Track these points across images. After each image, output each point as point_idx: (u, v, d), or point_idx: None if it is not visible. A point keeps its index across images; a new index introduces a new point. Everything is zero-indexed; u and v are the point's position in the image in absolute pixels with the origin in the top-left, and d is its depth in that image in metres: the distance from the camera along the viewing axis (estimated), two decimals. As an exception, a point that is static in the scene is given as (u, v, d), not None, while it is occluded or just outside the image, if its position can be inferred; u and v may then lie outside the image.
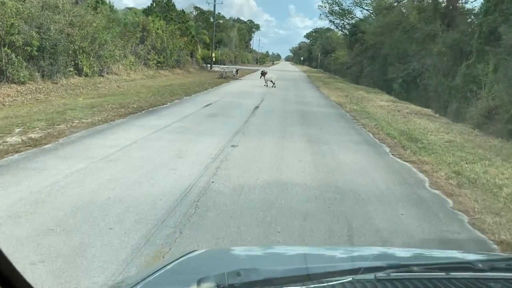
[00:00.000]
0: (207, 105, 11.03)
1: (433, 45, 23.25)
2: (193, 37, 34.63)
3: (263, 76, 20.40)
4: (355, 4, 36.32)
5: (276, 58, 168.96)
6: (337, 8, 38.08)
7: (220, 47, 52.72)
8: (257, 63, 79.05)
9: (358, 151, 6.24)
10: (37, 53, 12.93)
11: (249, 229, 3.04)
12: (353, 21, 38.96)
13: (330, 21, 41.03)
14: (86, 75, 16.41)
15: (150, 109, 9.49)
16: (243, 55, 69.03)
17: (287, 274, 0.88)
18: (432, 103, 18.97)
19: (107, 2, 23.90)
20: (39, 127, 6.59)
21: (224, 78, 24.38)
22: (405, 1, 30.68)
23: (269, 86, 19.38)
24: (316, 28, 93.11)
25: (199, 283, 0.83)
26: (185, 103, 11.41)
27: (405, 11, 30.25)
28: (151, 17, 26.25)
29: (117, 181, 3.99)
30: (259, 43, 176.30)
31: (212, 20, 41.08)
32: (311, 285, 0.84)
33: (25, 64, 12.50)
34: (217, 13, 42.81)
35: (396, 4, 31.42)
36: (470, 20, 25.15)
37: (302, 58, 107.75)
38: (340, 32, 46.77)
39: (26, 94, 11.98)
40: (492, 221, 3.44)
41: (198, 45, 35.81)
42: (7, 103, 10.43)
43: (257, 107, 11.37)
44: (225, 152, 5.55)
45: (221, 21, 52.72)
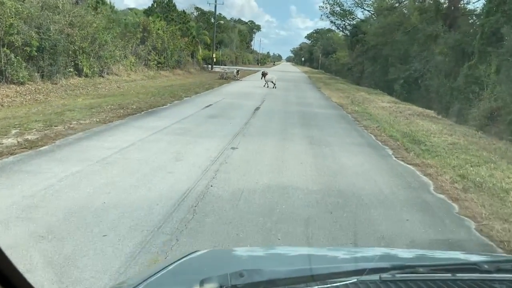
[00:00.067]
0: (207, 106, 10.92)
1: (434, 46, 23.14)
2: (194, 37, 34.56)
3: (263, 77, 20.30)
4: (356, 5, 36.27)
5: (277, 59, 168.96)
6: (338, 8, 38.05)
7: (221, 47, 52.66)
8: (258, 64, 78.99)
9: (360, 153, 6.12)
10: (36, 54, 12.84)
11: (249, 236, 2.93)
12: (354, 22, 38.89)
13: (331, 22, 41.03)
14: (86, 76, 16.33)
15: (149, 110, 9.39)
16: (244, 56, 68.95)
17: (291, 275, 0.88)
18: (433, 104, 18.84)
19: (108, 2, 23.86)
20: (36, 128, 6.49)
21: (224, 79, 24.30)
22: (406, 2, 30.58)
23: (270, 87, 19.30)
24: (317, 29, 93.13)
25: (201, 283, 0.83)
26: (185, 104, 11.31)
27: (406, 12, 30.14)
28: (151, 18, 26.18)
29: (113, 184, 3.88)
30: (260, 43, 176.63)
31: (213, 20, 41.01)
32: (314, 286, 0.84)
33: (25, 64, 12.42)
34: (218, 13, 42.77)
35: (397, 5, 31.32)
36: (472, 21, 25.04)
37: (303, 59, 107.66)
38: (341, 33, 46.74)
39: (25, 94, 11.90)
40: (500, 228, 3.32)
41: (199, 46, 35.74)
42: (5, 104, 10.34)
43: (257, 108, 11.26)
44: (224, 154, 5.44)
45: (222, 22, 52.66)
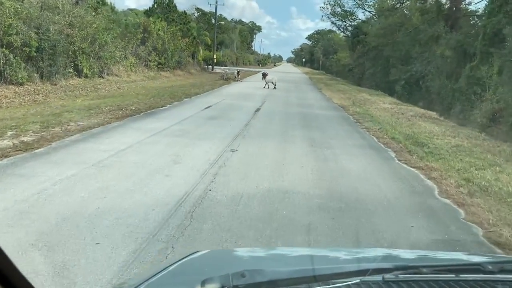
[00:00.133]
0: (207, 107, 10.82)
1: (436, 47, 23.02)
2: (195, 38, 34.50)
3: (264, 78, 20.24)
4: (357, 5, 36.19)
5: (277, 59, 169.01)
6: (339, 9, 37.98)
7: (221, 48, 52.60)
8: (258, 64, 78.95)
9: (362, 156, 6.00)
10: (35, 54, 12.74)
11: (247, 244, 2.81)
12: (355, 23, 38.81)
13: (332, 23, 40.96)
14: (86, 76, 16.23)
15: (148, 112, 9.28)
16: (244, 57, 68.90)
17: (293, 275, 0.87)
18: (435, 106, 18.72)
19: (108, 3, 23.80)
20: (33, 130, 6.39)
21: (225, 79, 24.21)
22: (407, 2, 30.48)
23: (270, 88, 19.21)
24: (318, 29, 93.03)
25: (203, 284, 0.82)
26: (184, 105, 11.21)
27: (407, 12, 30.03)
28: (152, 18, 26.11)
29: (108, 189, 3.77)
30: (261, 44, 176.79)
31: (213, 21, 40.95)
32: (317, 287, 0.83)
33: (24, 65, 12.32)
34: (219, 14, 42.70)
35: (398, 5, 31.22)
36: (473, 21, 24.92)
37: (303, 59, 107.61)
38: (342, 33, 46.64)
39: (24, 95, 11.81)
40: (509, 235, 3.20)
41: (199, 47, 35.68)
42: (4, 105, 10.24)
43: (258, 110, 11.15)
44: (224, 157, 5.33)
45: (223, 23, 52.61)
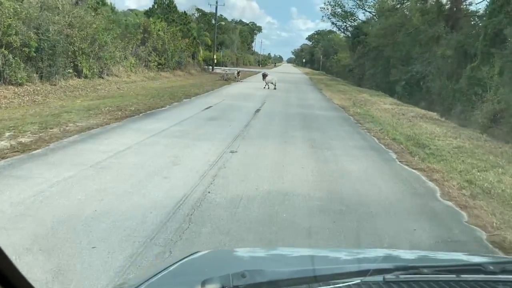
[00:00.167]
0: (207, 108, 10.77)
1: (437, 48, 22.97)
2: (195, 38, 34.47)
3: (264, 78, 20.21)
4: (357, 6, 36.15)
5: (278, 60, 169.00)
6: (339, 10, 37.94)
7: (222, 49, 52.58)
8: (259, 65, 78.94)
9: (363, 157, 5.95)
10: (35, 54, 12.70)
11: (247, 247, 2.76)
12: (356, 23, 38.77)
13: (332, 23, 40.92)
14: (85, 77, 16.19)
15: (148, 112, 9.24)
16: (245, 57, 68.88)
17: (293, 275, 0.87)
18: (435, 106, 18.66)
19: (108, 3, 23.77)
20: (31, 130, 6.33)
21: (225, 80, 24.17)
22: (408, 3, 30.44)
23: (270, 88, 19.18)
24: (318, 30, 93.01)
25: (203, 284, 0.82)
26: (184, 106, 11.16)
27: (408, 13, 29.99)
28: (152, 19, 26.07)
29: (106, 191, 3.72)
30: (261, 45, 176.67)
31: (214, 22, 40.92)
32: (317, 287, 0.82)
33: (23, 65, 12.28)
34: (219, 15, 42.67)
35: (399, 6, 31.18)
36: (474, 22, 24.87)
37: (304, 60, 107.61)
38: (342, 34, 46.60)
39: (23, 96, 11.77)
40: (513, 239, 3.14)
41: (199, 47, 35.65)
42: (3, 105, 10.20)
43: (258, 110, 11.10)
44: (223, 158, 5.28)
45: (223, 23, 52.57)
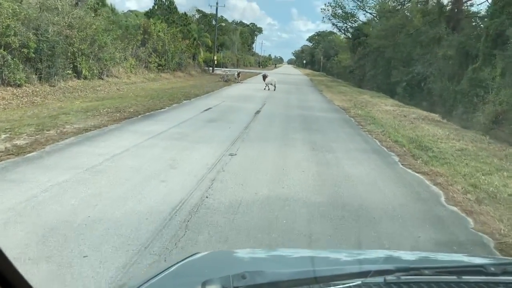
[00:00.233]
0: (207, 110, 10.67)
1: (438, 49, 22.87)
2: (195, 40, 34.41)
3: (264, 79, 20.18)
4: (358, 7, 36.09)
5: (278, 61, 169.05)
6: (340, 11, 37.91)
7: (222, 50, 52.54)
8: (259, 66, 78.91)
9: (365, 160, 5.83)
10: (34, 55, 12.62)
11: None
12: (356, 25, 38.70)
13: (333, 24, 40.90)
14: (85, 78, 16.11)
15: (147, 114, 9.14)
16: (245, 58, 68.85)
17: (294, 277, 0.87)
18: (437, 108, 18.55)
19: (108, 4, 23.72)
20: (27, 133, 6.24)
21: (225, 81, 24.10)
22: (408, 4, 30.36)
23: (271, 89, 19.10)
24: (318, 31, 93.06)
25: (203, 285, 0.82)
26: (184, 107, 11.06)
27: (409, 14, 29.91)
28: (152, 20, 26.01)
29: (100, 196, 3.61)
30: (262, 46, 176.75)
31: (214, 23, 40.88)
32: None
33: (22, 66, 12.20)
34: (219, 16, 42.62)
35: (399, 7, 31.10)
36: (475, 23, 24.77)
37: (304, 61, 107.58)
38: (343, 35, 46.56)
39: (22, 97, 11.68)
40: (522, 247, 3.02)
41: (200, 48, 35.59)
42: (1, 107, 10.11)
43: (258, 112, 11.00)
44: (222, 161, 5.17)
45: (224, 24, 52.50)
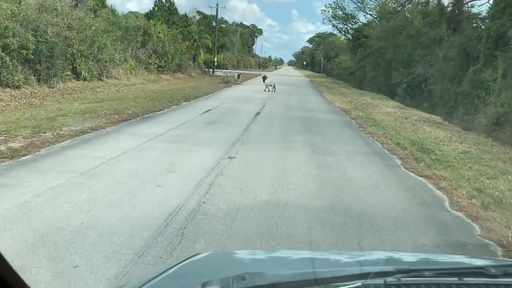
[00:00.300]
0: (206, 111, 10.58)
1: (438, 50, 22.79)
2: (196, 41, 34.35)
3: (264, 81, 20.15)
4: (358, 8, 36.02)
5: (278, 62, 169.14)
6: (340, 12, 37.82)
7: (222, 51, 52.48)
8: (259, 67, 78.88)
9: (367, 163, 5.72)
10: (33, 57, 12.54)
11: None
12: (357, 26, 38.62)
13: (333, 26, 40.81)
14: (84, 79, 16.02)
15: (145, 116, 9.04)
16: (245, 60, 68.82)
17: (294, 278, 0.86)
18: (437, 109, 18.46)
19: (108, 5, 23.67)
20: (23, 135, 6.14)
21: (225, 82, 24.03)
22: (409, 5, 30.30)
23: (271, 91, 19.03)
24: (319, 32, 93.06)
25: (203, 287, 0.82)
26: (183, 109, 10.97)
27: (409, 15, 29.85)
28: (152, 21, 25.95)
29: (95, 201, 3.50)
30: (262, 47, 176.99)
31: (214, 24, 40.85)
32: None
33: (20, 67, 12.11)
34: (220, 17, 42.61)
35: (400, 8, 31.03)
36: (476, 24, 24.70)
37: (304, 63, 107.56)
38: (343, 36, 46.48)
39: (20, 98, 11.59)
40: (531, 255, 2.91)
41: (200, 50, 35.52)
42: (-1, 108, 10.02)
43: (258, 114, 10.91)
44: (221, 164, 5.06)
45: (224, 26, 52.50)
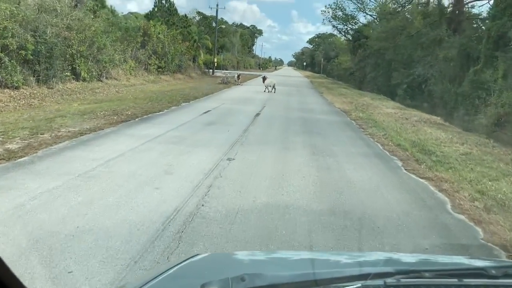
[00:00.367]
0: (206, 112, 10.53)
1: (439, 51, 22.75)
2: (195, 42, 34.31)
3: (264, 81, 20.15)
4: (358, 9, 35.97)
5: (278, 63, 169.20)
6: (340, 13, 37.77)
7: (222, 52, 52.47)
8: (259, 68, 78.86)
9: (367, 165, 5.67)
10: (32, 57, 12.50)
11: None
12: (357, 26, 38.59)
13: (333, 26, 40.74)
14: (84, 80, 15.97)
15: (144, 117, 8.99)
16: (245, 61, 68.80)
17: (293, 279, 0.86)
18: (437, 110, 18.42)
19: (108, 6, 23.64)
20: (21, 136, 6.08)
21: (225, 83, 23.99)
22: (409, 6, 30.27)
23: (271, 91, 19.00)
24: (319, 33, 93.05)
25: (202, 287, 0.82)
26: (182, 110, 10.92)
27: (409, 16, 29.82)
28: (152, 22, 25.92)
29: (91, 204, 3.45)
30: (262, 48, 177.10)
31: (214, 25, 40.83)
32: None
33: (19, 68, 12.07)
34: (220, 18, 42.58)
35: (400, 9, 30.99)
36: (476, 25, 24.67)
37: (304, 63, 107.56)
38: (343, 37, 46.42)
39: (19, 99, 11.54)
40: (536, 259, 2.86)
41: (200, 50, 35.49)
42: (-3, 109, 9.96)
43: (257, 114, 10.86)
44: (220, 166, 5.01)
45: (224, 26, 52.47)
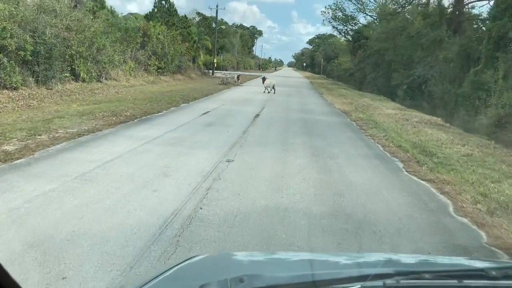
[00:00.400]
0: (205, 113, 10.47)
1: (439, 51, 22.71)
2: (195, 42, 34.27)
3: (263, 82, 20.13)
4: (358, 10, 35.96)
5: (278, 64, 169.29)
6: (340, 14, 37.77)
7: (222, 53, 52.45)
8: (259, 69, 78.87)
9: (368, 167, 5.61)
10: (31, 58, 12.45)
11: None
12: (357, 27, 38.57)
13: (333, 27, 40.75)
14: (83, 81, 15.92)
15: (143, 118, 8.93)
16: (245, 61, 68.79)
17: (292, 280, 0.86)
18: (438, 111, 18.37)
19: (108, 7, 23.61)
20: (18, 137, 6.02)
21: (225, 84, 23.94)
22: (409, 7, 30.25)
23: (270, 92, 18.96)
24: (319, 34, 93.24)
25: None
26: (182, 111, 10.86)
27: (409, 17, 29.79)
28: (152, 22, 25.88)
29: (87, 207, 3.39)
30: (262, 49, 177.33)
31: (214, 26, 40.80)
32: None
33: (18, 69, 12.02)
34: (219, 19, 42.57)
35: (400, 10, 30.97)
36: (477, 25, 24.63)
37: (304, 64, 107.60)
38: (343, 38, 46.42)
39: (18, 100, 11.49)
40: (541, 264, 2.78)
41: (200, 51, 35.45)
42: (-4, 110, 9.90)
43: (257, 115, 10.80)
44: (219, 168, 4.95)
45: (224, 27, 52.45)
